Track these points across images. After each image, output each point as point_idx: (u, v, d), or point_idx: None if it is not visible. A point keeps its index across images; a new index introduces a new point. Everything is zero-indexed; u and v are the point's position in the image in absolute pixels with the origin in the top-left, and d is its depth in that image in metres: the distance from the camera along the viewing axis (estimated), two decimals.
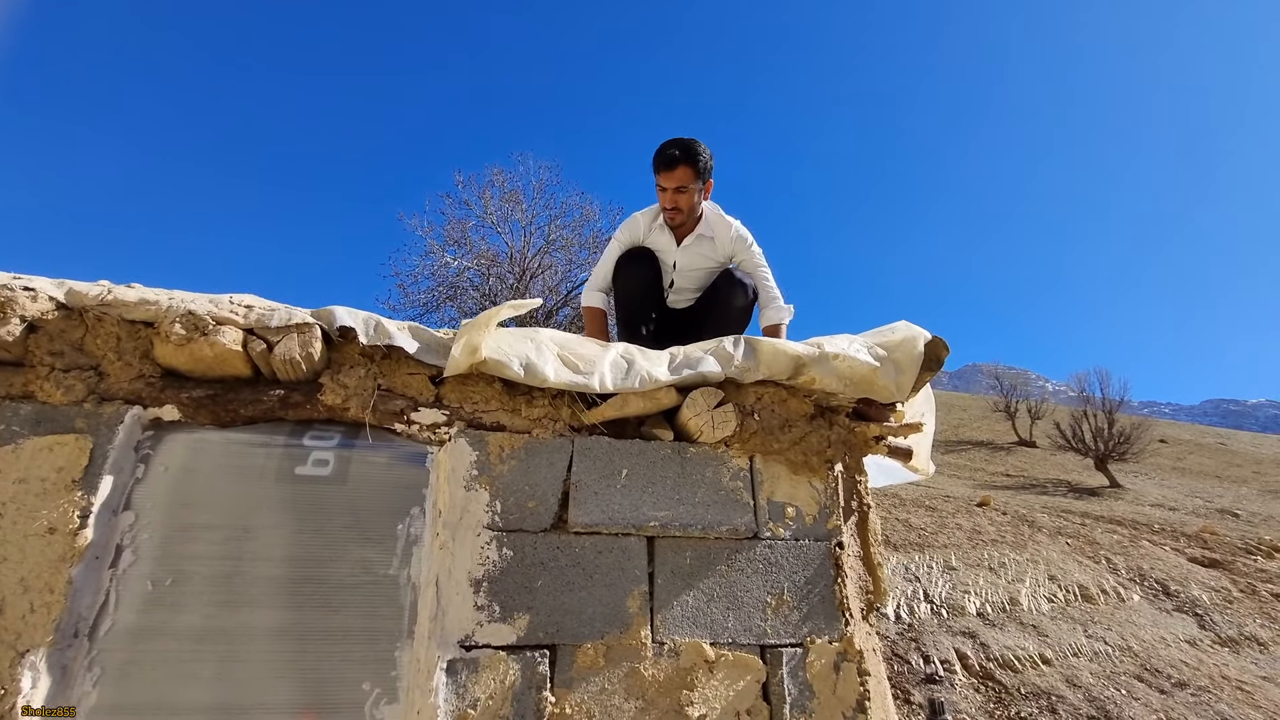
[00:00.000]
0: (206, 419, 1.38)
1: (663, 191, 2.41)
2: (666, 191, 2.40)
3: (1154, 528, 7.79)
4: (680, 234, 2.56)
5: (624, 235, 2.63)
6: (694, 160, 2.35)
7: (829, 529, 1.59)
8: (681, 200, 2.41)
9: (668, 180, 2.37)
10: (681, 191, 2.39)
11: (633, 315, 2.62)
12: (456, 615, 1.31)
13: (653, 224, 2.58)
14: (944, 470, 14.91)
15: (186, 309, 1.35)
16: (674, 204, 2.42)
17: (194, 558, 1.29)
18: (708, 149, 2.40)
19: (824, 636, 1.47)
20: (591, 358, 1.57)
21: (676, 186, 2.38)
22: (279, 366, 1.38)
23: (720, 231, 2.56)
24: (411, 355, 1.48)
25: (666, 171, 2.36)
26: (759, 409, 1.64)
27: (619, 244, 2.64)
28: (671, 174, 2.36)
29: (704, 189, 2.47)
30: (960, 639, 4.76)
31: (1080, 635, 4.92)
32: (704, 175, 2.42)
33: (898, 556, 6.53)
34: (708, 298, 2.59)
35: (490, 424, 1.51)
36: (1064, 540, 7.26)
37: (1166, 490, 12.44)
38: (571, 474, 1.48)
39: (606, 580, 1.41)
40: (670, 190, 2.39)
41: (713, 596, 1.46)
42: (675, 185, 2.38)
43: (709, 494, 1.54)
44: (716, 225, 2.55)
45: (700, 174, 2.39)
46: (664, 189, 2.40)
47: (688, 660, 1.38)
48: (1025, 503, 9.51)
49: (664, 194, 2.42)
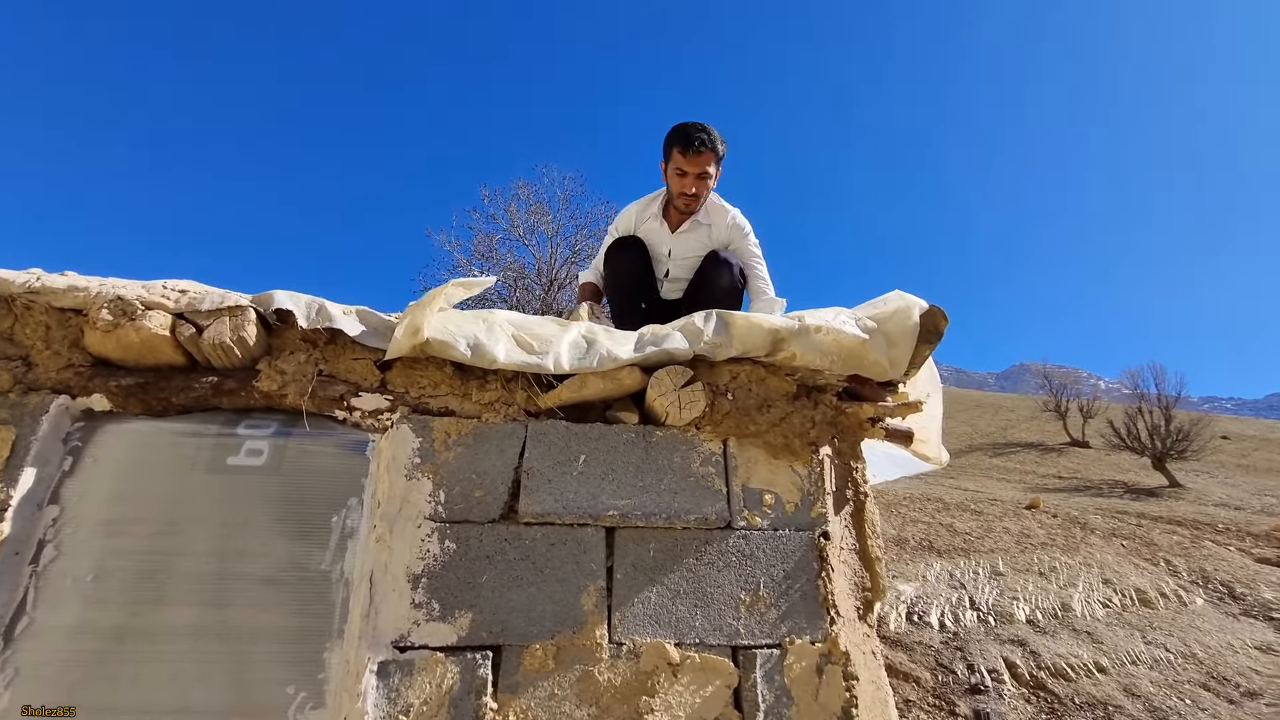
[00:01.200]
0: (138, 408, 1.32)
1: (682, 176, 2.28)
2: (688, 176, 2.27)
3: (1217, 527, 7.25)
4: (676, 221, 2.45)
5: (618, 226, 2.56)
6: (717, 148, 2.25)
7: (812, 518, 1.44)
8: (702, 186, 2.30)
9: (692, 165, 2.25)
10: (704, 178, 2.28)
11: (624, 305, 2.51)
12: (391, 613, 1.20)
13: (644, 212, 2.48)
14: (991, 473, 14.26)
15: (116, 294, 1.29)
16: (695, 189, 2.30)
17: (118, 553, 1.22)
18: (724, 138, 2.30)
19: (805, 636, 1.32)
20: (549, 337, 1.46)
21: (700, 172, 2.26)
22: (210, 351, 1.31)
23: (717, 218, 2.43)
24: (355, 339, 1.40)
25: (693, 156, 2.23)
26: (734, 388, 1.50)
27: (614, 232, 2.57)
28: (699, 158, 2.23)
29: (715, 176, 2.36)
30: (1009, 647, 4.45)
31: (1139, 642, 4.55)
32: (720, 163, 2.32)
33: (941, 562, 6.21)
34: (694, 281, 2.46)
35: (438, 409, 1.41)
36: (1119, 542, 6.80)
37: (1231, 489, 11.62)
38: (524, 460, 1.37)
39: (559, 575, 1.29)
40: (693, 175, 2.27)
41: (679, 593, 1.32)
42: (699, 170, 2.26)
43: (676, 480, 1.40)
44: (714, 212, 2.43)
45: (719, 161, 2.30)
46: (685, 173, 2.27)
47: (649, 663, 1.25)
48: (1078, 505, 8.98)
49: (684, 178, 2.28)
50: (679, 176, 2.29)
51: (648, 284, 2.53)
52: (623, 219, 2.54)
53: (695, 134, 2.21)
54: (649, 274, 2.52)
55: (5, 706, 1.10)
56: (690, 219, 2.42)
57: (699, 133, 2.21)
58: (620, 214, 2.58)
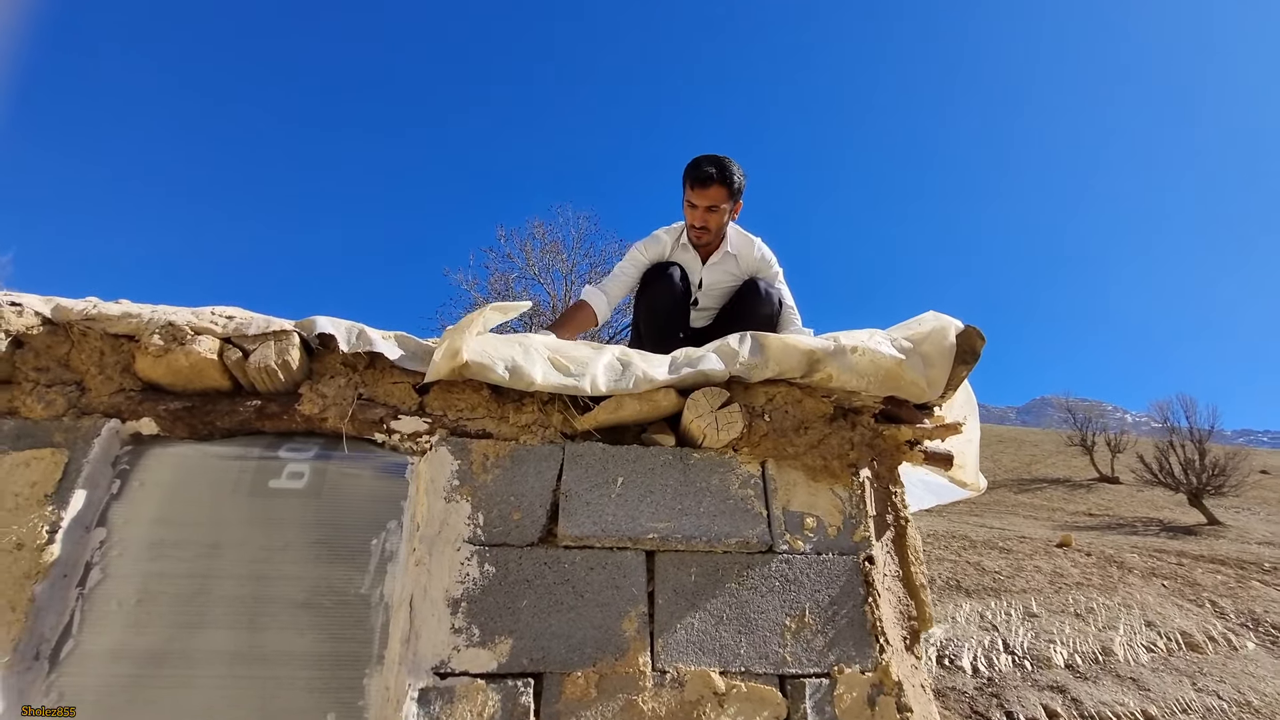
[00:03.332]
0: (184, 432, 1.34)
1: (692, 209, 2.33)
2: (697, 209, 2.32)
3: (1264, 567, 6.95)
4: (705, 253, 2.48)
5: (648, 251, 2.54)
6: (728, 180, 2.27)
7: (855, 541, 1.41)
8: (712, 220, 2.33)
9: (700, 198, 2.29)
10: (713, 211, 2.31)
11: (660, 332, 2.50)
12: (431, 638, 1.18)
13: (677, 242, 2.50)
14: (1019, 510, 13.88)
15: (167, 320, 1.33)
16: (704, 223, 2.34)
17: (161, 576, 1.22)
18: (741, 169, 2.33)
19: (854, 665, 1.27)
20: (584, 360, 1.47)
21: (709, 205, 2.30)
22: (255, 375, 1.33)
23: (744, 249, 2.48)
24: (395, 363, 1.42)
25: (701, 189, 2.27)
26: (770, 410, 1.49)
27: (643, 257, 2.54)
28: (706, 192, 2.27)
29: (734, 209, 2.39)
30: (1048, 694, 4.24)
31: (1188, 688, 4.32)
32: (736, 196, 2.35)
33: (971, 603, 5.99)
34: (731, 308, 2.47)
35: (475, 431, 1.41)
36: (1160, 582, 6.54)
37: (1275, 526, 11.17)
38: (561, 483, 1.36)
39: (599, 599, 1.26)
40: (702, 208, 2.31)
41: (722, 618, 1.29)
42: (708, 204, 2.29)
43: (715, 503, 1.38)
44: (740, 243, 2.47)
45: (733, 194, 2.32)
46: (694, 206, 2.32)
47: (694, 692, 1.21)
48: (1112, 543, 8.68)
49: (694, 211, 2.33)
50: (690, 209, 2.34)
51: (684, 316, 2.54)
52: (653, 245, 2.54)
53: (704, 167, 2.26)
54: (686, 307, 2.53)
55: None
56: (720, 250, 2.46)
57: (708, 166, 2.26)
58: (647, 240, 2.56)
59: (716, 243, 2.46)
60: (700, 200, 2.29)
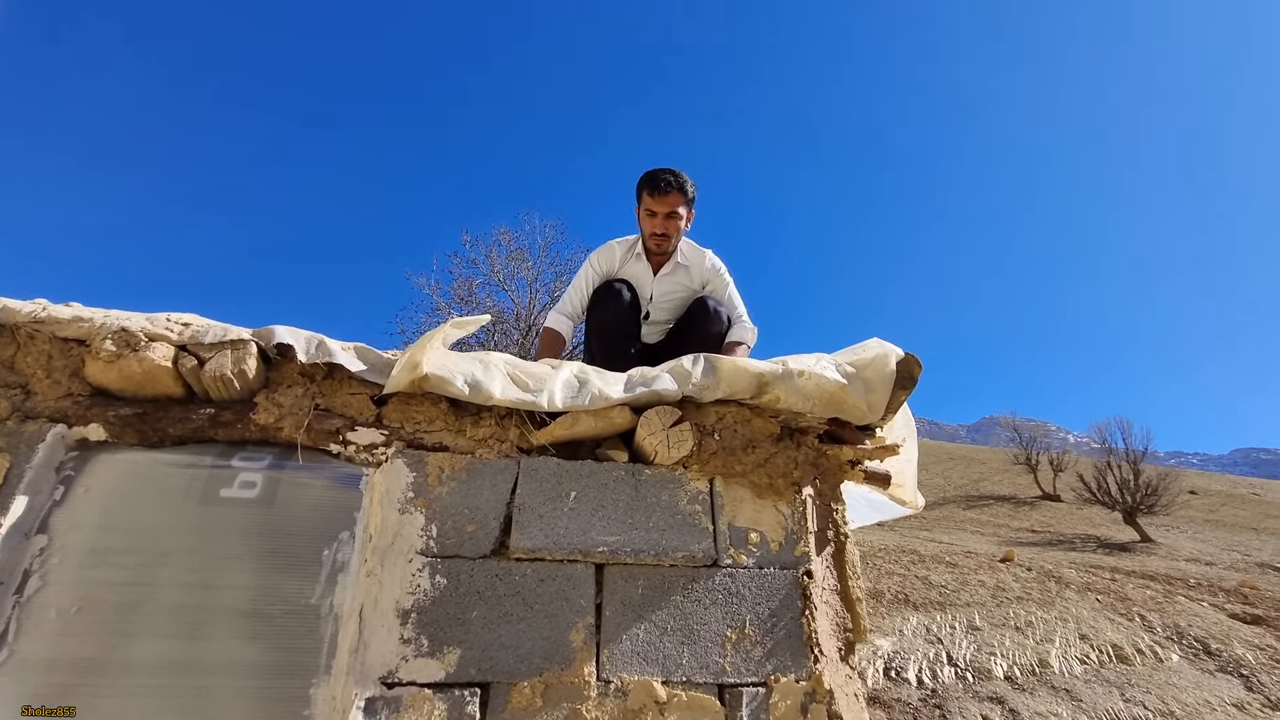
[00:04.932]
0: (133, 438, 1.33)
1: (651, 216, 2.40)
2: (656, 216, 2.39)
3: (1189, 582, 7.34)
4: (656, 264, 2.55)
5: (600, 264, 2.59)
6: (684, 188, 2.37)
7: (796, 556, 1.48)
8: (671, 226, 2.41)
9: (660, 205, 2.37)
10: (672, 217, 2.39)
11: (611, 350, 2.55)
12: (380, 649, 1.20)
13: (629, 253, 2.56)
14: (966, 526, 14.32)
15: (120, 325, 1.32)
16: (664, 229, 2.41)
17: (104, 584, 1.21)
18: (693, 181, 2.42)
19: (790, 675, 1.34)
20: (543, 376, 1.52)
21: (668, 212, 2.38)
22: (210, 384, 1.34)
23: (695, 260, 2.56)
24: (354, 375, 1.44)
25: (661, 196, 2.35)
26: (720, 429, 1.55)
27: (594, 272, 2.59)
28: (665, 199, 2.36)
29: (688, 217, 2.48)
30: (988, 704, 4.40)
31: (1118, 699, 4.54)
32: (691, 204, 2.44)
33: (918, 616, 6.17)
34: (683, 326, 2.54)
35: (432, 444, 1.44)
36: (1094, 596, 6.84)
37: (1201, 544, 11.81)
38: (516, 496, 1.39)
39: (548, 611, 1.30)
40: (661, 215, 2.38)
41: (666, 630, 1.34)
42: (667, 210, 2.38)
43: (665, 518, 1.44)
44: (691, 254, 2.56)
45: (688, 202, 2.41)
46: (654, 214, 2.39)
47: (636, 701, 1.25)
48: (1052, 558, 9.03)
49: (653, 219, 2.40)
50: (649, 217, 2.42)
51: (634, 332, 2.60)
52: (604, 257, 2.59)
53: (661, 176, 2.36)
54: (636, 323, 2.59)
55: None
56: (671, 262, 2.54)
57: (665, 174, 2.36)
58: (600, 251, 2.61)
59: (668, 254, 2.53)
60: (660, 207, 2.37)
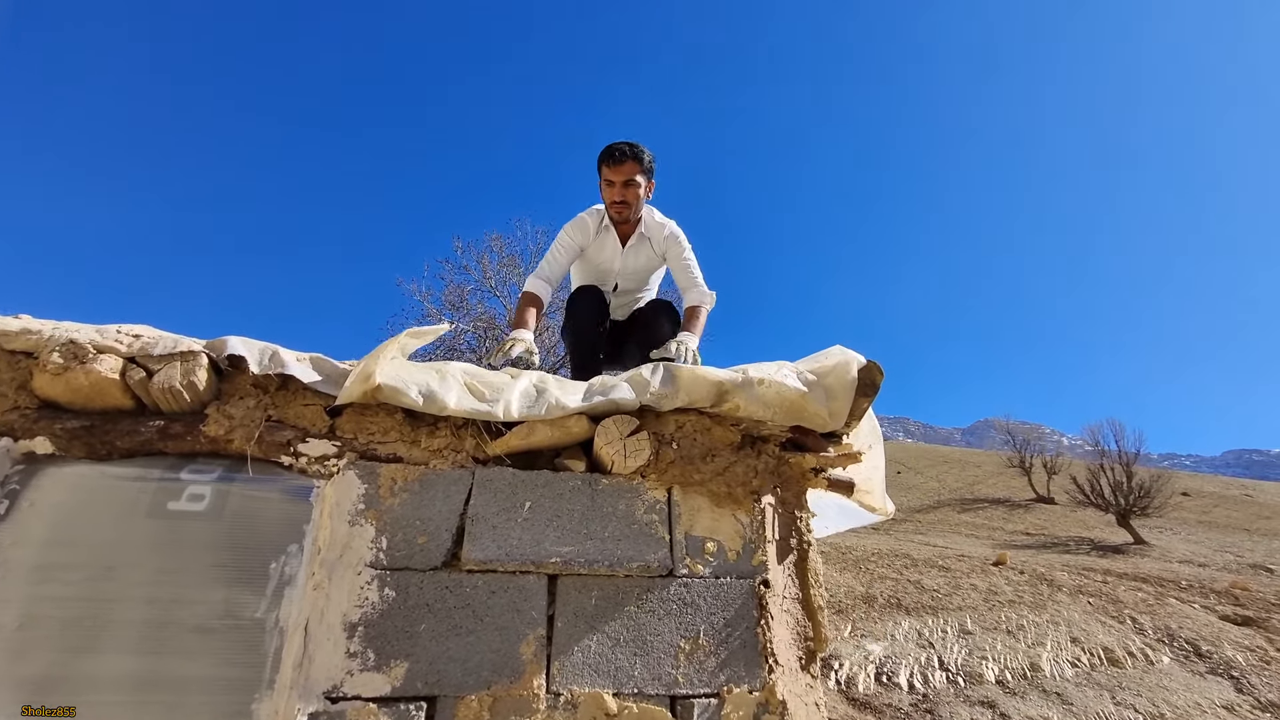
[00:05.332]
0: (81, 452, 1.32)
1: (610, 186, 2.46)
2: (615, 185, 2.45)
3: (1181, 584, 7.35)
4: (623, 233, 2.62)
5: (574, 234, 2.63)
6: (640, 156, 2.43)
7: (754, 565, 1.47)
8: (629, 194, 2.47)
9: (616, 174, 2.43)
10: (630, 185, 2.45)
11: (582, 356, 2.62)
12: (325, 663, 1.19)
13: (600, 225, 2.63)
14: (960, 529, 14.33)
15: (69, 338, 1.31)
16: (622, 197, 2.47)
17: (49, 600, 1.19)
18: (650, 151, 2.49)
19: (743, 685, 1.33)
20: (500, 386, 1.51)
21: (625, 180, 2.44)
22: (159, 396, 1.33)
23: (655, 232, 2.63)
24: (308, 386, 1.43)
25: (616, 165, 2.42)
26: (679, 438, 1.55)
27: (570, 240, 2.63)
28: (620, 168, 2.42)
29: (648, 186, 2.54)
30: (979, 709, 4.39)
31: (1108, 702, 4.53)
32: (649, 173, 2.50)
33: (910, 620, 6.16)
34: (641, 325, 2.63)
35: (386, 455, 1.43)
36: (1085, 600, 6.84)
37: (1194, 545, 11.83)
38: (469, 507, 1.39)
39: (499, 623, 1.29)
40: (619, 184, 2.44)
41: (619, 641, 1.33)
42: (624, 179, 2.43)
43: (621, 528, 1.43)
44: (652, 226, 2.63)
45: (645, 170, 2.47)
46: (612, 183, 2.45)
47: (586, 713, 1.24)
48: (1045, 561, 9.04)
49: (611, 188, 2.46)
50: (608, 187, 2.48)
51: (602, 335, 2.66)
52: (579, 229, 2.63)
53: (617, 147, 2.43)
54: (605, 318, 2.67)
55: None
56: (636, 234, 2.61)
57: (620, 145, 2.43)
58: (573, 222, 2.65)
59: (633, 224, 2.60)
60: (616, 176, 2.43)
